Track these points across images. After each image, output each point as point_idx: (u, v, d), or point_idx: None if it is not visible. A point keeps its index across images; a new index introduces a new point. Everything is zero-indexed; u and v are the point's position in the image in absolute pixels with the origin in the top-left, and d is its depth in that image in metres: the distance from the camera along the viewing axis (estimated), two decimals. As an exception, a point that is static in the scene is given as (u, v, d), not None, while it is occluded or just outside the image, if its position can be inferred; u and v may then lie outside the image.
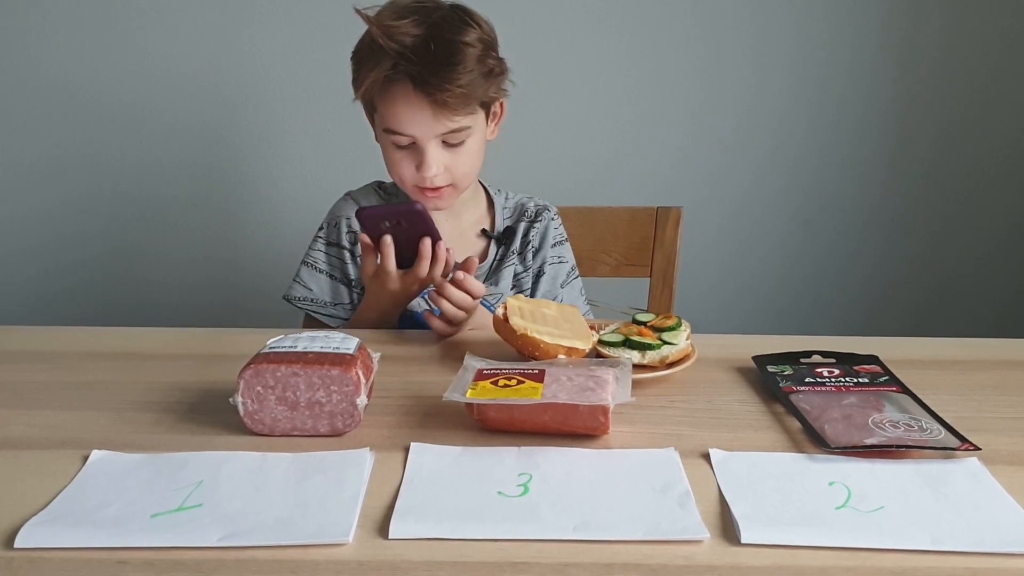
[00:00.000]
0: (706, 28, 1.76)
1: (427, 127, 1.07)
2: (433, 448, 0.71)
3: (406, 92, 1.05)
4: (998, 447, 0.72)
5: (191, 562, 0.55)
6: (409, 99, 1.05)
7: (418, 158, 1.10)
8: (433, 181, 1.10)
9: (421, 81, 1.03)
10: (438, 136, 1.08)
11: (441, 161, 1.10)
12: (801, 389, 0.82)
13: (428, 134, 1.08)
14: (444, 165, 1.10)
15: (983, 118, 1.82)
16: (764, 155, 1.83)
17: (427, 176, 1.09)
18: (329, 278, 1.21)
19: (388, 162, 1.14)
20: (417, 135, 1.08)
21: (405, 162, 1.11)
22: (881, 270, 1.91)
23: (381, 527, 0.59)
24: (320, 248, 1.22)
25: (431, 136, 1.08)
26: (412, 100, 1.05)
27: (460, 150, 1.11)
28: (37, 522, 0.59)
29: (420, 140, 1.08)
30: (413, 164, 1.10)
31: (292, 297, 1.21)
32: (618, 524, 0.59)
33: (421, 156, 1.09)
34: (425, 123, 1.07)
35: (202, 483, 0.65)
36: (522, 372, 0.77)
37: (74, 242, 1.84)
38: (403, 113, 1.07)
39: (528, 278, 1.25)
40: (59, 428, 0.76)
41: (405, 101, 1.06)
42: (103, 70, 1.74)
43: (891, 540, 0.57)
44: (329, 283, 1.21)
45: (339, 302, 1.21)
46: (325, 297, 1.20)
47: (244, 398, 0.73)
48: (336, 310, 1.20)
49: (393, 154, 1.12)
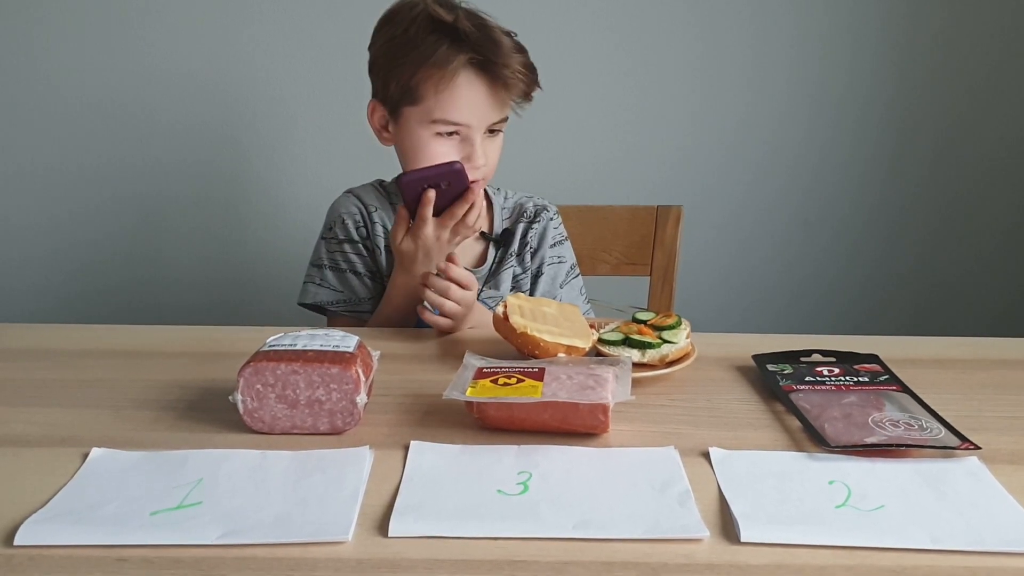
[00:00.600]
0: (706, 27, 1.76)
1: (485, 115, 1.08)
2: (433, 446, 0.71)
3: (472, 79, 1.06)
4: (998, 446, 0.72)
5: (190, 560, 0.55)
6: (475, 86, 1.06)
7: (465, 149, 1.09)
8: (477, 173, 1.10)
9: (495, 65, 1.05)
10: (489, 125, 1.10)
11: (486, 152, 1.11)
12: (801, 388, 0.82)
13: (484, 122, 1.09)
14: (487, 156, 1.11)
15: (983, 118, 1.82)
16: (764, 154, 1.83)
17: (479, 166, 1.09)
18: (355, 275, 1.20)
19: (425, 156, 1.09)
20: (474, 123, 1.08)
21: (450, 155, 1.08)
22: (881, 269, 1.91)
23: (381, 525, 0.59)
24: (337, 248, 1.20)
25: (485, 124, 1.09)
26: (478, 87, 1.06)
27: (495, 140, 1.13)
28: (37, 520, 0.59)
29: (474, 129, 1.08)
30: (456, 155, 1.08)
31: (323, 302, 1.19)
32: (618, 522, 0.59)
33: (470, 147, 1.09)
34: (485, 111, 1.08)
35: (202, 481, 0.65)
36: (522, 371, 0.77)
37: (77, 244, 1.84)
38: (466, 102, 1.06)
39: (527, 279, 1.25)
40: (59, 426, 0.76)
41: (471, 88, 1.06)
42: (104, 70, 1.73)
43: (890, 539, 0.57)
44: (357, 280, 1.20)
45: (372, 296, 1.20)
46: (361, 294, 1.19)
47: (244, 396, 0.73)
48: (370, 304, 1.20)
49: (436, 147, 1.09)
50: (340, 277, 1.19)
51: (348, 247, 1.20)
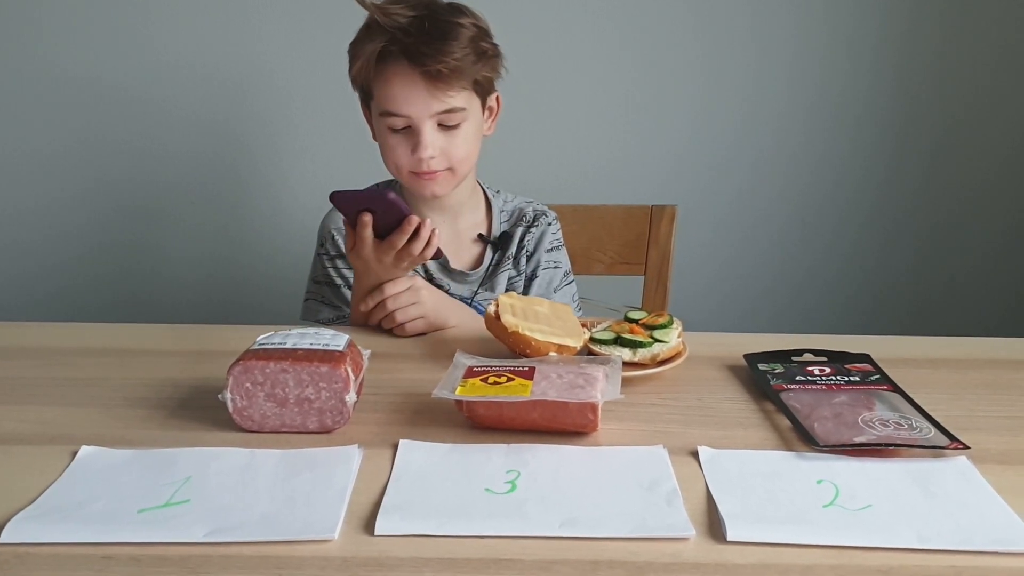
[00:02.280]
0: (704, 26, 1.75)
1: (422, 104, 1.07)
2: (422, 445, 0.71)
3: (401, 69, 1.06)
4: (988, 446, 0.72)
5: (176, 558, 0.55)
6: (404, 76, 1.06)
7: (414, 141, 1.09)
8: (429, 164, 1.10)
9: (415, 54, 1.05)
10: (433, 116, 1.08)
11: (437, 144, 1.10)
12: (792, 387, 0.82)
13: (423, 113, 1.08)
14: (440, 148, 1.10)
15: (983, 118, 1.82)
16: (761, 154, 1.83)
17: (423, 157, 1.09)
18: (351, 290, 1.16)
19: (384, 150, 1.13)
20: (412, 114, 1.08)
21: (401, 147, 1.11)
22: (878, 270, 1.91)
23: (368, 524, 0.59)
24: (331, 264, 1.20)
25: (426, 115, 1.08)
26: (406, 77, 1.06)
27: (456, 133, 1.11)
28: (24, 517, 0.59)
29: (416, 120, 1.08)
30: (409, 148, 1.10)
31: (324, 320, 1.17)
32: (604, 521, 0.59)
33: (417, 138, 1.09)
34: (420, 100, 1.07)
35: (190, 479, 0.65)
36: (512, 369, 0.77)
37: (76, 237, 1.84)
38: (398, 91, 1.07)
39: (521, 282, 1.25)
40: (49, 424, 0.76)
41: (400, 78, 1.06)
42: (106, 62, 1.73)
43: (877, 538, 0.57)
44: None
45: None
46: None
47: (233, 394, 0.73)
48: None
49: (389, 140, 1.11)
50: (337, 293, 1.19)
51: (340, 262, 1.20)
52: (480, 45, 1.09)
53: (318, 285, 1.21)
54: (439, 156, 1.10)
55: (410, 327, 1.02)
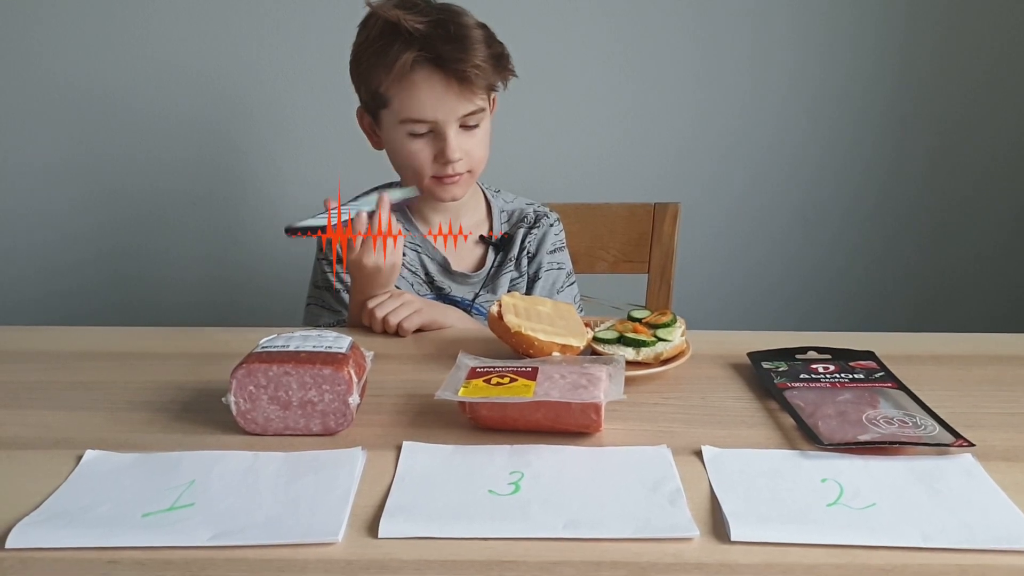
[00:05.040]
0: (705, 25, 1.75)
1: (451, 109, 1.08)
2: (425, 447, 0.71)
3: (428, 75, 1.06)
4: (993, 443, 0.71)
5: (181, 561, 0.55)
6: (433, 82, 1.06)
7: (438, 145, 1.10)
8: (456, 167, 1.10)
9: (447, 60, 1.05)
10: (459, 119, 1.09)
11: (463, 146, 1.10)
12: (796, 385, 0.82)
13: (451, 116, 1.08)
14: (464, 150, 1.11)
15: (983, 118, 1.81)
16: (764, 151, 1.82)
17: (453, 161, 1.09)
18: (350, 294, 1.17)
19: (403, 156, 1.12)
20: (440, 118, 1.08)
21: (424, 152, 1.10)
22: (881, 267, 1.90)
23: (371, 526, 0.59)
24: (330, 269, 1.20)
25: (454, 119, 1.09)
26: (436, 82, 1.06)
27: (475, 133, 1.12)
28: (29, 522, 0.59)
29: (442, 124, 1.08)
30: (433, 153, 1.10)
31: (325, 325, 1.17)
32: (607, 522, 0.59)
33: (443, 142, 1.09)
34: (450, 104, 1.08)
35: (194, 482, 0.65)
36: (515, 370, 0.77)
37: (77, 241, 1.84)
38: (426, 98, 1.07)
39: (523, 283, 1.25)
40: (53, 428, 0.76)
41: (428, 84, 1.06)
42: (105, 68, 1.74)
43: (882, 537, 0.57)
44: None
45: None
46: None
47: (236, 397, 0.73)
48: None
49: (410, 146, 1.11)
50: (337, 297, 1.19)
51: (340, 267, 1.20)
52: (494, 46, 1.10)
53: (319, 290, 1.21)
54: (464, 158, 1.11)
55: (407, 323, 1.02)
